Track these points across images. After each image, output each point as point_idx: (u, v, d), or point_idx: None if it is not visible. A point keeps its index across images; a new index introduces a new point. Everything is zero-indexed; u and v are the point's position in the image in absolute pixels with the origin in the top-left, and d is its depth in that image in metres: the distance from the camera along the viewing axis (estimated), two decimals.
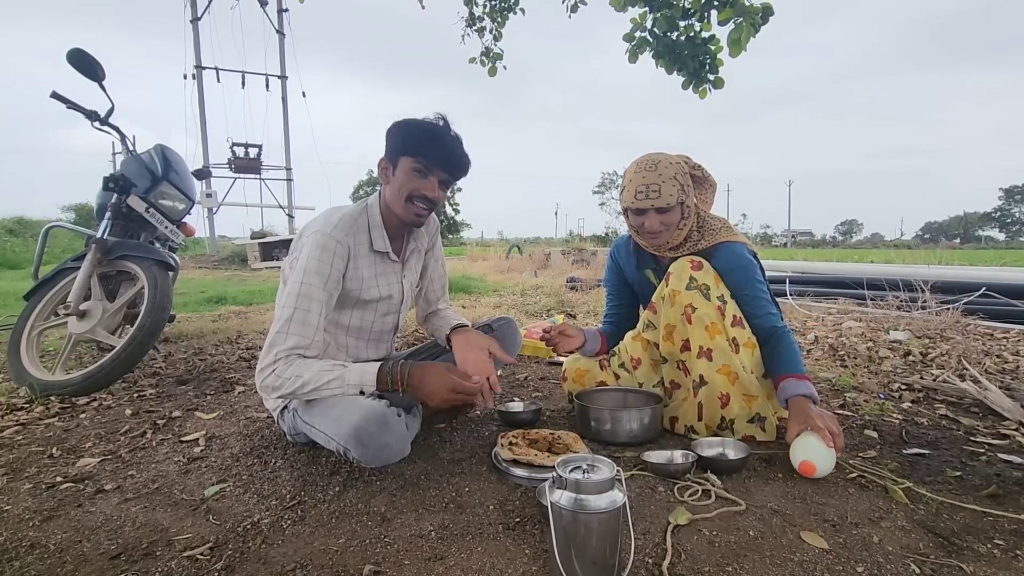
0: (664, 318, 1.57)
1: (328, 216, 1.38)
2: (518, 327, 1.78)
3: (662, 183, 1.47)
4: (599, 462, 0.93)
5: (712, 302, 1.49)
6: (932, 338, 2.86)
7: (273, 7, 15.15)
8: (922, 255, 8.08)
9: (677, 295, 1.52)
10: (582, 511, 0.86)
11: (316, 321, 1.29)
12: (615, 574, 0.89)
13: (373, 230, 1.43)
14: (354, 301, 1.43)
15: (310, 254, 1.30)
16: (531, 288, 5.87)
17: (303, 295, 1.28)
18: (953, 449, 1.49)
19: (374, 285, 1.44)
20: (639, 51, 3.36)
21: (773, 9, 2.80)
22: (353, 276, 1.39)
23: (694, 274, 1.51)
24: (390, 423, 1.20)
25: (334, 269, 1.32)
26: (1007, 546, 1.01)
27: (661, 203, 1.47)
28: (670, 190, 1.47)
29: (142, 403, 1.96)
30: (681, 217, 1.53)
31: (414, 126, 1.36)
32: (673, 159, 1.53)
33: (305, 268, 1.29)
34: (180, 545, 1.03)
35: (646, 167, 1.50)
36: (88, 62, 2.28)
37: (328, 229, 1.33)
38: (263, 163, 14.66)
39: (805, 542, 1.02)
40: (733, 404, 1.49)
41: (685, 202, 1.52)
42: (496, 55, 4.31)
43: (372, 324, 1.51)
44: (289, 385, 1.24)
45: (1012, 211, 73.66)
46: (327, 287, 1.31)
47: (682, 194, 1.50)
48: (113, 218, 2.38)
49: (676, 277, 1.53)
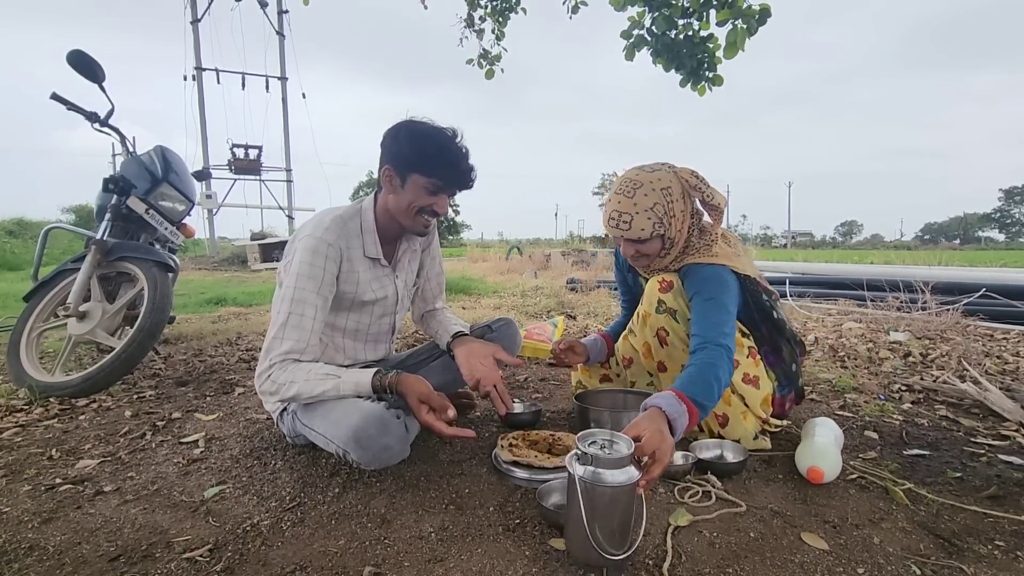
0: (641, 336, 1.56)
1: (320, 219, 1.37)
2: (518, 328, 1.78)
3: (635, 215, 1.36)
4: (617, 438, 0.97)
5: (682, 325, 1.43)
6: (932, 339, 2.86)
7: (273, 8, 15.17)
8: (922, 256, 8.09)
9: (648, 317, 1.49)
10: (601, 484, 0.90)
11: (310, 325, 1.28)
12: (630, 544, 0.93)
13: (365, 235, 1.41)
14: (349, 303, 1.43)
15: (302, 258, 1.30)
16: (531, 289, 5.87)
17: (296, 299, 1.27)
18: (953, 450, 1.48)
19: (368, 289, 1.43)
20: (636, 49, 3.37)
21: (771, 11, 2.80)
22: (348, 279, 1.39)
23: (662, 297, 1.45)
24: (389, 425, 1.20)
25: (327, 272, 1.32)
26: (1008, 547, 1.01)
27: (631, 235, 1.38)
28: (642, 223, 1.36)
29: (142, 404, 1.96)
30: (662, 248, 1.43)
31: (429, 142, 1.30)
32: (661, 183, 1.38)
33: (298, 273, 1.29)
34: (180, 547, 1.03)
35: (624, 191, 1.38)
36: (88, 63, 2.28)
37: (319, 232, 1.32)
38: (263, 164, 14.66)
39: (806, 543, 1.02)
40: (734, 424, 1.45)
41: (665, 234, 1.40)
42: (494, 57, 4.31)
43: (369, 326, 1.51)
44: (285, 391, 1.24)
45: (1012, 212, 73.72)
46: (321, 291, 1.31)
47: (660, 226, 1.38)
48: (113, 219, 2.38)
49: (647, 299, 1.49)
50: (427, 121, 1.35)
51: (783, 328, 1.52)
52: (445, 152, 1.30)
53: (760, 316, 1.50)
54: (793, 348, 1.54)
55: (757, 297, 1.48)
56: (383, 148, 1.36)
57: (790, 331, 1.54)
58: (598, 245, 12.32)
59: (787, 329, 1.52)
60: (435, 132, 1.32)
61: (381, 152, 1.37)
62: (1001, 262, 10.53)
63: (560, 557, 0.98)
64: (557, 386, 2.22)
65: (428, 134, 1.31)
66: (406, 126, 1.34)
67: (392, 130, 1.35)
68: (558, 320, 3.17)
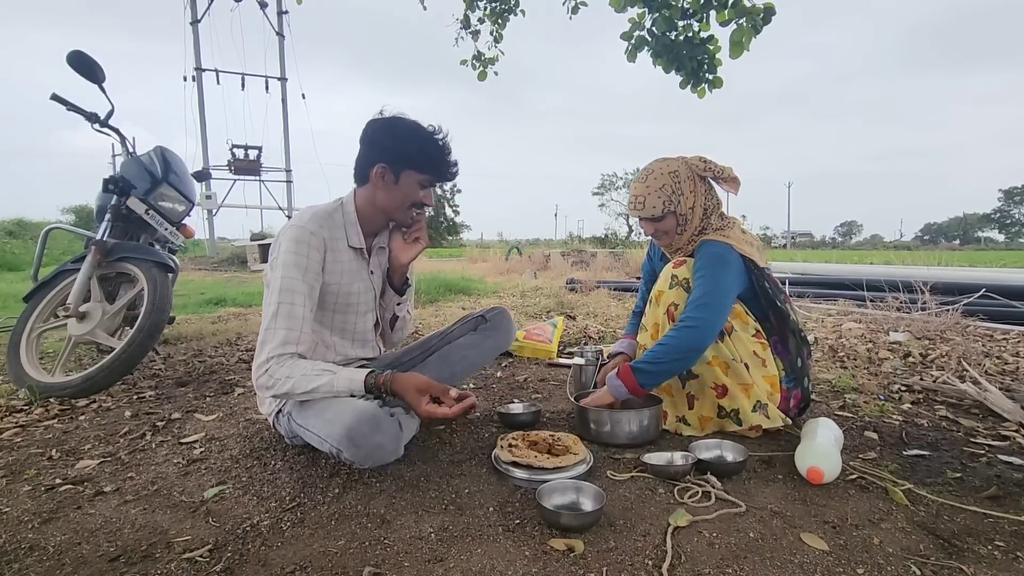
0: (651, 318, 1.62)
1: (301, 213, 1.40)
2: (511, 317, 1.78)
3: (648, 195, 1.56)
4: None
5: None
6: (932, 339, 2.86)
7: (273, 9, 15.16)
8: (922, 256, 8.10)
9: (661, 295, 1.59)
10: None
11: (302, 313, 1.29)
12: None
13: (348, 227, 1.44)
14: (334, 302, 1.43)
15: (286, 248, 1.31)
16: (531, 289, 5.87)
17: (285, 289, 1.28)
18: (953, 450, 1.48)
19: (353, 280, 1.45)
20: (637, 50, 3.37)
21: (775, 9, 2.80)
22: (332, 269, 1.40)
23: (675, 271, 1.58)
24: (382, 423, 1.21)
25: (311, 260, 1.33)
26: (1007, 547, 1.01)
27: (645, 213, 1.58)
28: (654, 202, 1.56)
29: (141, 405, 1.96)
30: (677, 224, 1.59)
31: (425, 141, 1.37)
32: (670, 167, 1.58)
33: (283, 263, 1.30)
34: (179, 547, 1.03)
35: (640, 177, 1.60)
36: (88, 64, 2.28)
37: (301, 223, 1.35)
38: (263, 165, 14.66)
39: (805, 544, 1.02)
40: (733, 393, 1.52)
41: (677, 211, 1.57)
42: (488, 60, 4.30)
43: (355, 324, 1.51)
44: (280, 386, 1.25)
45: (1011, 212, 73.70)
46: (306, 278, 1.32)
47: (671, 204, 1.56)
48: (113, 220, 2.38)
49: (662, 278, 1.62)
50: (406, 116, 1.40)
51: (787, 318, 1.57)
52: (439, 150, 1.39)
53: (766, 302, 1.58)
54: (799, 342, 1.59)
55: (761, 283, 1.56)
56: (372, 145, 1.39)
57: (795, 323, 1.59)
58: (598, 245, 12.33)
59: (792, 320, 1.58)
60: (425, 130, 1.38)
61: (369, 149, 1.40)
62: (1001, 262, 10.54)
63: (560, 557, 0.98)
64: (557, 386, 2.22)
65: (421, 133, 1.38)
66: (397, 124, 1.38)
67: (382, 127, 1.38)
68: (558, 320, 3.17)
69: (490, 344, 1.71)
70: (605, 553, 0.99)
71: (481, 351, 1.70)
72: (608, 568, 0.95)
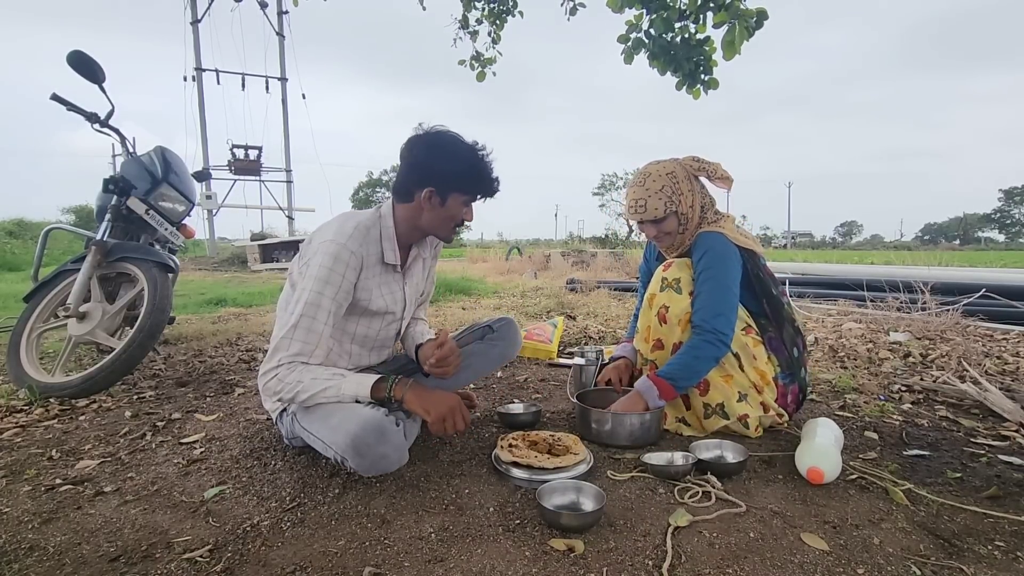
0: (644, 321, 1.65)
1: (342, 224, 1.35)
2: (518, 327, 1.79)
3: (648, 198, 1.57)
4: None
5: (684, 296, 1.55)
6: (932, 339, 2.86)
7: (273, 9, 15.18)
8: (922, 256, 8.09)
9: (653, 298, 1.61)
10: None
11: (321, 329, 1.28)
12: None
13: (385, 242, 1.41)
14: (361, 311, 1.42)
15: (322, 263, 1.28)
16: (531, 290, 5.87)
17: (311, 303, 1.27)
18: (953, 451, 1.48)
19: (380, 296, 1.43)
20: (635, 52, 3.37)
21: (767, 13, 2.81)
22: (365, 285, 1.38)
23: (664, 274, 1.60)
24: (388, 433, 1.20)
25: (346, 280, 1.31)
26: (1007, 547, 1.01)
27: (648, 216, 1.58)
28: (655, 204, 1.56)
29: (142, 405, 1.96)
30: (679, 223, 1.61)
31: (474, 163, 1.35)
32: (666, 168, 1.59)
33: (316, 276, 1.28)
34: (180, 547, 1.03)
35: (637, 181, 1.60)
36: (88, 64, 2.28)
37: (343, 239, 1.31)
38: (263, 165, 14.67)
39: (805, 544, 1.02)
40: (715, 385, 1.54)
41: (678, 210, 1.59)
42: (487, 60, 4.30)
43: (378, 333, 1.50)
44: (289, 391, 1.25)
45: (1011, 212, 73.67)
46: (337, 297, 1.30)
47: (671, 204, 1.57)
48: (113, 220, 2.38)
49: (653, 282, 1.63)
50: (447, 131, 1.37)
51: (780, 308, 1.60)
52: (485, 168, 1.37)
53: (761, 291, 1.60)
54: (794, 331, 1.61)
55: (757, 273, 1.59)
56: (418, 168, 1.35)
57: (788, 310, 1.61)
58: (598, 246, 12.32)
59: (785, 309, 1.60)
60: (470, 150, 1.36)
61: (414, 171, 1.35)
62: (1001, 262, 10.54)
63: (560, 557, 0.98)
64: (557, 386, 2.22)
65: (467, 154, 1.35)
66: (442, 144, 1.34)
67: (426, 149, 1.34)
68: (558, 321, 3.17)
69: (496, 353, 1.73)
70: (605, 553, 0.99)
71: (487, 360, 1.72)
72: (608, 568, 0.95)
